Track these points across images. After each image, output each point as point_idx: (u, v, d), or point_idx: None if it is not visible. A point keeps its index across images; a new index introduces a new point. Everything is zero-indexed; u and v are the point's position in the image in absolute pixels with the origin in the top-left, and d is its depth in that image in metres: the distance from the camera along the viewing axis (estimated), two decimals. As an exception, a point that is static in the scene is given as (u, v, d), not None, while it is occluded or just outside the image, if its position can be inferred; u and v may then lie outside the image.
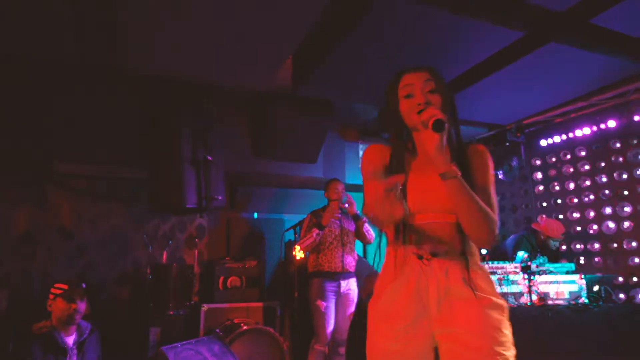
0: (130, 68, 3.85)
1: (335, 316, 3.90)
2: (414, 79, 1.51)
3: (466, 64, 3.90)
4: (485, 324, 1.34)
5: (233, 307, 4.31)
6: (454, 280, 1.39)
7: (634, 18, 3.20)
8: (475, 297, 1.36)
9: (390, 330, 1.42)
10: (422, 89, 1.48)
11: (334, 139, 5.65)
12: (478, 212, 1.34)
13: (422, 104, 1.45)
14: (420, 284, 1.41)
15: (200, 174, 3.88)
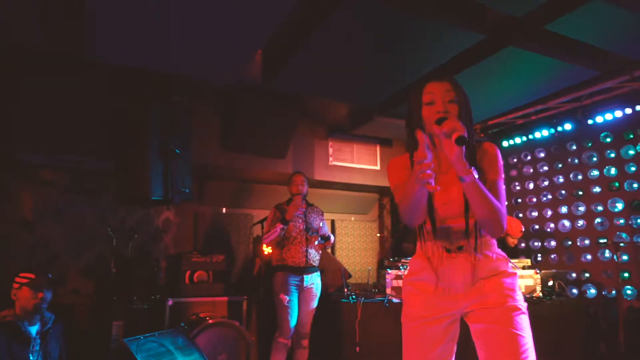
0: (97, 57, 3.79)
1: (299, 310, 3.94)
2: (436, 88, 1.70)
3: (431, 65, 4.02)
4: (502, 288, 1.66)
5: (199, 302, 4.31)
6: (474, 266, 1.68)
7: (586, 26, 3.38)
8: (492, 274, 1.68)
9: (424, 301, 1.73)
10: (442, 98, 1.68)
11: (303, 135, 5.70)
12: (491, 209, 1.56)
13: (442, 112, 1.65)
14: (449, 271, 1.70)
15: (167, 166, 3.85)
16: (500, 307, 1.62)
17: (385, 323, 4.04)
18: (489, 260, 1.69)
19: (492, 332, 1.61)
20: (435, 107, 1.67)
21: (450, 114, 1.64)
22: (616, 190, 4.82)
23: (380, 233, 6.95)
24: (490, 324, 1.62)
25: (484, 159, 1.72)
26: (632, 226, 4.65)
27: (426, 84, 1.73)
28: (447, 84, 1.70)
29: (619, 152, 4.83)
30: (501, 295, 1.64)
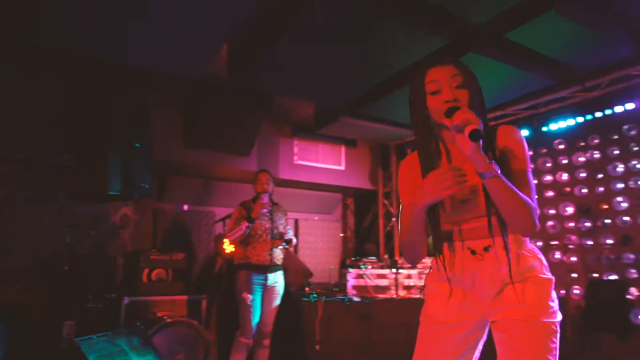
0: (57, 48, 3.64)
1: (261, 309, 3.92)
2: (440, 74, 1.48)
3: (395, 68, 4.09)
4: (532, 297, 1.42)
5: (157, 300, 4.20)
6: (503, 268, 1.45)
7: (543, 37, 3.52)
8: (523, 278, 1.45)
9: (445, 305, 1.53)
10: (449, 85, 1.45)
11: (269, 134, 5.67)
12: (518, 205, 1.36)
13: (451, 101, 1.43)
14: (474, 274, 1.49)
15: (126, 161, 3.74)
16: (529, 323, 1.40)
17: (345, 322, 4.08)
18: (521, 262, 1.46)
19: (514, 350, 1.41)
20: (442, 95, 1.45)
21: (461, 102, 1.43)
22: (567, 195, 5.06)
23: (343, 233, 7.00)
24: (515, 339, 1.41)
25: (507, 143, 1.47)
26: (581, 229, 4.89)
27: (427, 70, 1.51)
28: (452, 68, 1.47)
29: (570, 158, 5.07)
30: (532, 306, 1.42)
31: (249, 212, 3.90)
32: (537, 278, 1.44)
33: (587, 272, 4.78)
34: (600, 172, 4.78)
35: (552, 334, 1.40)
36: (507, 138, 1.47)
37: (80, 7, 3.10)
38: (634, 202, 4.48)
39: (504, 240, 1.43)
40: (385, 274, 4.28)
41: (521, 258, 1.45)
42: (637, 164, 4.49)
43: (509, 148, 1.46)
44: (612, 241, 4.58)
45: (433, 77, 1.48)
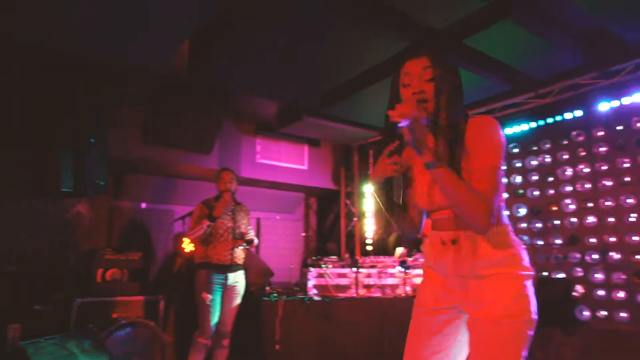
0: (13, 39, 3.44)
1: (221, 308, 3.87)
2: (413, 66, 1.50)
3: (357, 68, 4.14)
4: (492, 296, 1.40)
5: (112, 302, 4.08)
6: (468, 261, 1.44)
7: (499, 44, 3.66)
8: (483, 275, 1.42)
9: (429, 290, 1.59)
10: (420, 77, 1.48)
11: (230, 132, 5.60)
12: (464, 200, 1.33)
13: (417, 92, 1.47)
14: (444, 264, 1.52)
15: (80, 157, 3.59)
16: (489, 322, 1.38)
17: (306, 321, 4.09)
18: (485, 257, 1.42)
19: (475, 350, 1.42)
20: (411, 88, 1.48)
21: (427, 94, 1.46)
22: (520, 196, 5.27)
23: (305, 232, 7.01)
24: (477, 339, 1.42)
25: (475, 139, 1.42)
26: (532, 230, 5.11)
27: (404, 62, 1.53)
28: (424, 60, 1.48)
29: (524, 162, 5.29)
30: (491, 305, 1.39)
31: (210, 211, 3.84)
32: (499, 275, 1.40)
33: (537, 271, 5.00)
34: (551, 176, 5.01)
35: (516, 336, 1.35)
36: (477, 131, 1.43)
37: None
38: (581, 205, 4.73)
39: (465, 234, 1.45)
40: (345, 273, 4.32)
41: (486, 253, 1.42)
42: (584, 168, 4.74)
43: (476, 142, 1.42)
44: (560, 241, 4.81)
45: (407, 69, 1.51)
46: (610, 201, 4.50)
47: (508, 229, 1.47)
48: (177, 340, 4.43)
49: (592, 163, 4.69)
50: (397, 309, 4.21)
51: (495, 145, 1.39)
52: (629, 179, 4.38)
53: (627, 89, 4.26)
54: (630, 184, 4.37)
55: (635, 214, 4.31)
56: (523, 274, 1.41)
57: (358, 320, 4.17)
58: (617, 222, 4.42)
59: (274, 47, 3.73)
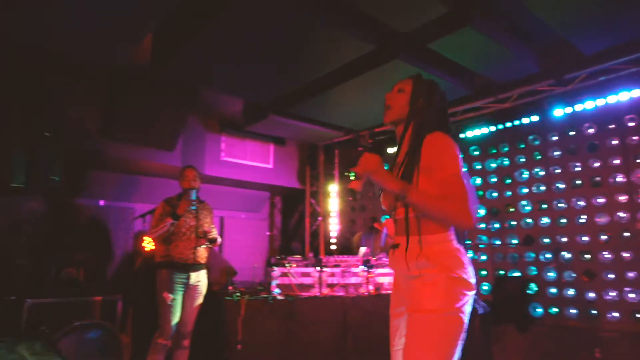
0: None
1: (183, 308, 3.79)
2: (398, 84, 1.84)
3: (325, 69, 4.15)
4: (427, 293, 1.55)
5: (66, 302, 3.92)
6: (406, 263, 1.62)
7: (462, 49, 3.76)
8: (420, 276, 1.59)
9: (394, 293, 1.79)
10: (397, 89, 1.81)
11: (195, 128, 5.50)
12: (438, 212, 1.54)
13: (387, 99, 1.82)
14: (395, 267, 1.74)
15: (34, 151, 3.43)
16: (418, 314, 1.55)
17: (269, 320, 4.06)
18: (424, 259, 1.57)
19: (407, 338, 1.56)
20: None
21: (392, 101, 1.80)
22: (480, 198, 5.44)
23: (270, 232, 6.97)
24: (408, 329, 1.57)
25: (429, 156, 1.59)
26: (491, 230, 5.29)
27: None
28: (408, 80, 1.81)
29: (483, 164, 5.46)
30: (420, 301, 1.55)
31: (173, 209, 3.76)
32: (433, 276, 1.55)
33: (494, 270, 5.18)
34: (509, 178, 5.20)
35: (441, 328, 1.50)
36: (430, 148, 1.60)
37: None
38: (535, 206, 4.93)
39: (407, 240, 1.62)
40: (309, 272, 4.33)
41: (425, 256, 1.57)
42: (540, 171, 4.95)
43: (432, 158, 1.59)
44: (516, 241, 5.00)
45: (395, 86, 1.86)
46: (562, 203, 4.72)
47: (449, 237, 1.60)
48: (136, 342, 4.31)
49: (546, 166, 4.90)
50: (359, 307, 4.26)
51: (448, 157, 1.57)
52: (580, 182, 4.61)
53: (580, 96, 4.48)
54: (582, 187, 4.60)
55: (585, 215, 4.53)
56: (453, 275, 1.54)
57: (321, 319, 4.18)
58: (569, 223, 4.64)
59: (242, 45, 3.69)
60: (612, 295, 4.26)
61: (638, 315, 4.07)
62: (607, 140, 4.46)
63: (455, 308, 1.51)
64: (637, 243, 4.16)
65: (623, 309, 4.18)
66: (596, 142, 4.54)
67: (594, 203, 4.49)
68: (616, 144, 4.40)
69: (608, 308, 4.27)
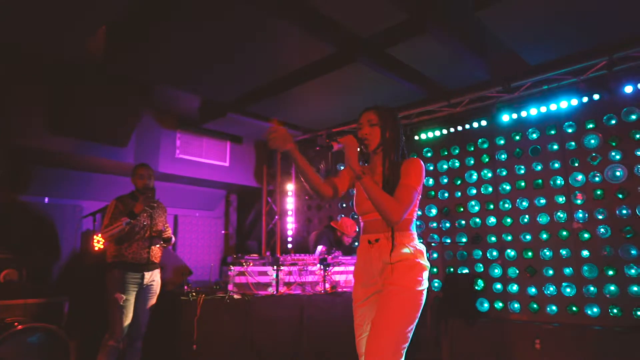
0: None
1: (135, 309, 3.69)
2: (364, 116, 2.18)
3: (284, 69, 4.17)
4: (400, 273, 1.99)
5: (6, 305, 3.71)
6: (386, 255, 2.03)
7: (418, 55, 3.90)
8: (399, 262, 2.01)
9: (360, 283, 2.16)
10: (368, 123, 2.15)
11: (149, 125, 5.34)
12: (381, 200, 1.95)
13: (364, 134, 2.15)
14: (370, 259, 2.09)
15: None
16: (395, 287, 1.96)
17: (225, 319, 4.03)
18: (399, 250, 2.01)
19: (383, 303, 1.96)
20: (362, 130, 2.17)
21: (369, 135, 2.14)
22: (432, 198, 5.65)
23: (225, 230, 6.90)
24: (385, 297, 1.98)
25: (406, 167, 2.07)
26: (442, 229, 5.51)
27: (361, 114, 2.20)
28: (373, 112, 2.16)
29: (436, 166, 5.67)
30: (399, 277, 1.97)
31: (127, 208, 3.64)
32: (407, 261, 2.01)
33: (445, 267, 5.40)
34: (459, 179, 5.44)
35: (411, 298, 1.96)
36: (408, 163, 2.09)
37: None
38: (483, 206, 5.19)
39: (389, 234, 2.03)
40: (266, 271, 4.33)
41: (400, 248, 2.02)
42: (488, 172, 5.21)
43: (406, 169, 2.07)
44: (465, 239, 5.24)
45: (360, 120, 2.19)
46: (508, 203, 4.99)
47: (413, 235, 2.10)
48: (84, 345, 4.15)
49: (494, 169, 5.16)
50: (316, 305, 4.32)
51: (417, 174, 2.05)
52: (524, 183, 4.90)
53: (525, 103, 4.75)
54: (525, 188, 4.89)
55: (528, 215, 4.82)
56: (420, 262, 2.04)
57: (278, 317, 4.20)
58: (514, 223, 4.92)
59: (199, 41, 3.64)
60: (551, 290, 4.57)
61: (574, 308, 4.38)
62: (548, 145, 4.77)
63: (422, 286, 2.00)
64: (573, 241, 4.48)
65: (560, 302, 4.49)
66: (539, 147, 4.84)
67: (536, 204, 4.79)
68: (556, 148, 4.72)
69: (547, 302, 4.57)
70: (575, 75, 4.25)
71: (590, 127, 4.49)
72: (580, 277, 4.39)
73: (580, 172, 4.52)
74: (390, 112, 2.18)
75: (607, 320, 4.19)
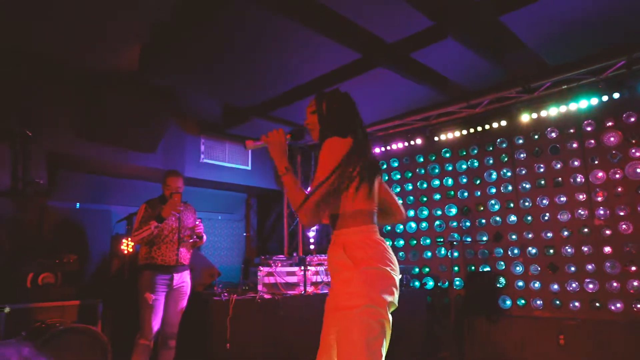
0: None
1: (167, 310, 3.78)
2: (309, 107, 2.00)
3: (309, 75, 4.28)
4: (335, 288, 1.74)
5: (44, 307, 3.85)
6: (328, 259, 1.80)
7: (441, 58, 3.99)
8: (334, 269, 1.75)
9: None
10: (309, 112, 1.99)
11: (174, 131, 5.48)
12: (291, 200, 1.77)
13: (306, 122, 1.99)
14: None
15: (16, 152, 3.35)
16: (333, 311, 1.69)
17: (256, 319, 4.15)
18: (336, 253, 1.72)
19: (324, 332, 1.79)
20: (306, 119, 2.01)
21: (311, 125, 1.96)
22: (451, 197, 5.73)
23: (247, 232, 7.02)
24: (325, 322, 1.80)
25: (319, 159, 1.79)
26: (462, 228, 5.59)
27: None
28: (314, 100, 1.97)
29: (455, 166, 5.76)
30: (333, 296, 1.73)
31: (156, 211, 3.75)
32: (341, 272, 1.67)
33: (466, 265, 5.48)
34: (479, 178, 5.51)
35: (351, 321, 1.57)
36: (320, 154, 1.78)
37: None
38: (503, 205, 5.26)
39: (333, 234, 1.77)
40: (294, 271, 4.44)
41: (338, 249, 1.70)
42: (507, 172, 5.28)
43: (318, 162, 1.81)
44: (486, 238, 5.32)
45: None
46: (528, 202, 5.06)
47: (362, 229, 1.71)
48: (118, 345, 4.28)
49: (513, 168, 5.24)
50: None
51: (323, 160, 1.75)
52: (544, 182, 4.97)
53: (544, 103, 4.83)
54: (545, 187, 4.96)
55: (549, 213, 4.89)
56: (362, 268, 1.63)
57: (306, 316, 4.30)
58: (534, 221, 4.99)
59: (228, 52, 3.76)
60: (573, 286, 4.63)
61: (597, 304, 4.44)
62: (568, 144, 4.84)
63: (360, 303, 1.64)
64: (595, 238, 4.55)
65: (583, 298, 4.55)
66: (558, 145, 4.91)
67: (557, 201, 4.85)
68: (576, 147, 4.79)
69: (570, 298, 4.64)
70: (595, 75, 4.32)
71: (610, 125, 4.56)
72: (603, 273, 4.45)
73: (600, 170, 4.58)
74: (328, 95, 1.93)
75: (631, 315, 4.24)
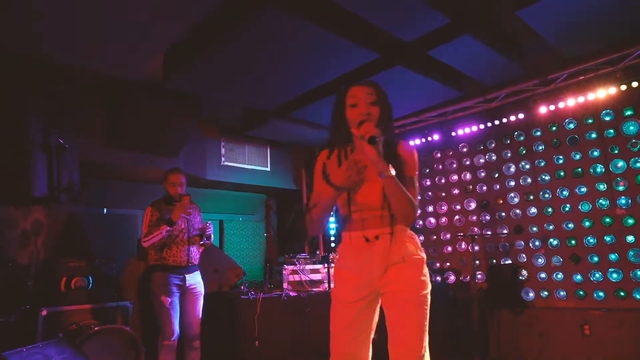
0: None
1: (184, 313, 3.78)
2: (360, 91, 1.88)
3: (327, 76, 4.36)
4: (409, 276, 1.85)
5: (79, 310, 3.98)
6: (389, 252, 1.86)
7: (458, 54, 4.04)
8: (403, 260, 1.86)
9: (349, 287, 1.90)
10: (365, 100, 1.85)
11: (195, 135, 5.60)
12: (405, 201, 1.77)
13: (364, 114, 1.82)
14: (367, 258, 1.88)
15: (52, 161, 3.48)
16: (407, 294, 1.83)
17: (283, 316, 4.25)
18: (401, 247, 1.86)
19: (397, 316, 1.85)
20: (358, 109, 1.84)
21: (372, 116, 1.82)
22: (470, 192, 5.76)
23: (267, 233, 7.12)
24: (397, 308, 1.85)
25: (402, 156, 1.89)
26: (482, 221, 5.62)
27: (350, 87, 1.91)
28: (369, 88, 1.87)
29: (472, 160, 5.79)
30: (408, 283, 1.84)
31: (164, 215, 3.75)
32: (411, 259, 1.86)
33: (487, 259, 5.51)
34: (497, 172, 5.54)
35: (423, 303, 1.85)
36: (404, 150, 1.91)
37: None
38: (523, 197, 5.28)
39: (391, 230, 1.85)
40: (318, 269, 4.53)
41: (402, 244, 1.87)
42: (526, 164, 5.30)
43: (404, 158, 1.89)
44: (506, 231, 5.34)
45: (353, 93, 1.88)
46: (548, 193, 5.08)
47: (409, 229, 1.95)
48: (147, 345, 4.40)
49: (532, 160, 5.25)
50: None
51: (416, 161, 1.93)
52: (563, 173, 4.98)
53: (562, 95, 4.84)
54: (565, 177, 4.97)
55: (569, 204, 4.90)
56: (424, 257, 1.91)
57: (331, 312, 4.39)
58: (555, 212, 5.00)
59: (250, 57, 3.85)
60: (597, 276, 4.64)
61: (622, 293, 4.45)
62: (587, 134, 4.84)
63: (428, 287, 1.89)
64: (617, 227, 4.55)
65: (607, 288, 4.56)
66: (577, 136, 4.92)
67: (577, 192, 4.86)
68: (595, 137, 4.79)
69: (594, 288, 4.65)
70: (612, 64, 4.33)
71: (629, 114, 4.56)
72: (627, 262, 4.45)
73: (620, 159, 4.58)
74: (381, 88, 1.92)
75: (656, 303, 4.25)
